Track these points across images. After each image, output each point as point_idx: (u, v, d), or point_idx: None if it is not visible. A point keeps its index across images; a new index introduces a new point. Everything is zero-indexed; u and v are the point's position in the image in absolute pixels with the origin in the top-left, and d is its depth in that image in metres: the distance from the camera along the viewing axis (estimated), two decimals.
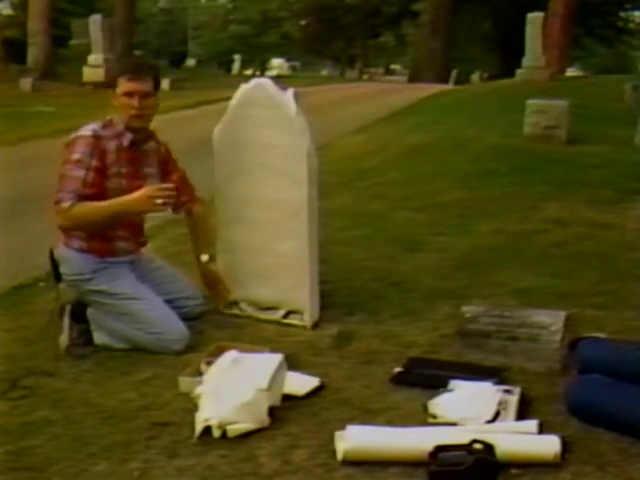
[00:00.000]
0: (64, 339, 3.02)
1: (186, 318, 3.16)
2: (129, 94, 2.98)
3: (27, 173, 7.28)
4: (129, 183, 3.04)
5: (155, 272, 3.28)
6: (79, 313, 3.09)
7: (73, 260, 3.06)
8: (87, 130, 2.97)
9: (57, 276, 3.12)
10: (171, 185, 3.02)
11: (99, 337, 3.08)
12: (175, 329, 3.04)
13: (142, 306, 3.05)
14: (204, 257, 3.31)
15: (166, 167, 3.27)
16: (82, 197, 2.90)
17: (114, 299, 3.04)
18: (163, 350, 2.98)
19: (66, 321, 3.06)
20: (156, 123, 3.24)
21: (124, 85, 2.98)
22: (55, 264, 3.11)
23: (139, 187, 3.00)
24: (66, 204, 2.88)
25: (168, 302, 3.14)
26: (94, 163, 2.94)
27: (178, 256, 3.84)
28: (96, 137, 2.96)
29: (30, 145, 9.53)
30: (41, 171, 7.42)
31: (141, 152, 3.13)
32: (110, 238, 3.09)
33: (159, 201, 2.91)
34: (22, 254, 4.47)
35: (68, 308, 3.09)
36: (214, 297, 3.39)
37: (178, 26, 44.01)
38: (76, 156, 2.92)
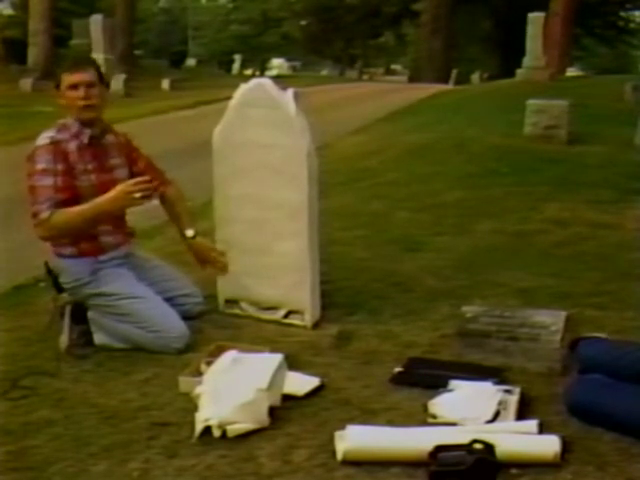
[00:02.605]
0: (64, 340, 3.02)
1: (186, 317, 3.16)
2: (74, 86, 2.98)
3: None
4: (98, 177, 3.07)
5: (153, 270, 3.29)
6: (79, 314, 3.10)
7: (69, 267, 3.06)
8: (44, 139, 2.98)
9: (58, 287, 3.13)
10: (145, 177, 3.01)
11: (99, 338, 3.08)
12: (175, 327, 3.04)
13: (141, 305, 3.05)
14: (189, 232, 3.30)
15: (131, 156, 3.27)
16: (58, 204, 2.90)
17: (114, 300, 3.05)
18: (163, 349, 2.98)
19: (66, 322, 3.06)
20: (156, 123, 3.24)
21: (67, 79, 2.99)
22: (53, 276, 3.11)
23: (109, 180, 3.05)
24: (44, 215, 2.88)
25: (167, 300, 3.15)
26: (60, 167, 2.95)
27: (178, 256, 3.83)
28: (54, 142, 2.97)
29: (30, 145, 9.48)
30: None
31: (102, 146, 3.14)
32: (95, 236, 3.10)
33: (137, 195, 2.91)
34: (22, 254, 4.46)
35: (68, 309, 3.09)
36: (211, 269, 3.37)
37: (178, 26, 44.04)
38: (41, 166, 2.93)
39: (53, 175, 2.93)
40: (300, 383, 2.62)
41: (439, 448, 2.10)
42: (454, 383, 2.59)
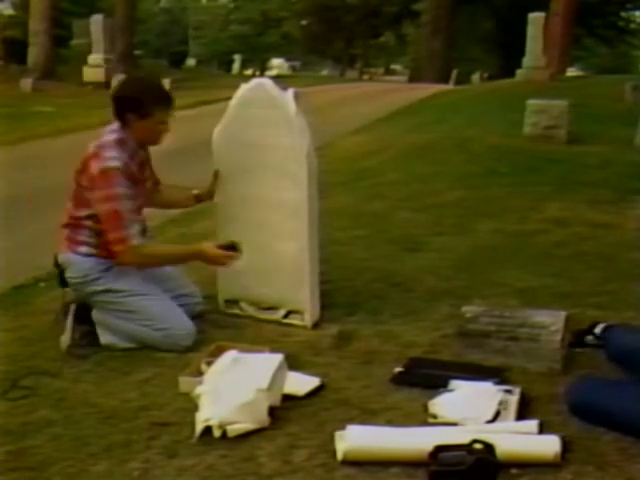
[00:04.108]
0: (66, 339, 3.02)
1: None
2: (165, 122, 3.10)
3: (27, 173, 7.29)
4: (142, 187, 3.18)
5: (154, 269, 3.28)
6: (83, 314, 3.10)
7: (80, 263, 3.06)
8: (115, 160, 2.95)
9: (63, 282, 3.13)
10: (239, 254, 3.12)
11: (105, 338, 3.09)
12: (182, 325, 3.06)
13: (149, 302, 3.07)
14: (195, 191, 3.41)
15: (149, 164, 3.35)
16: (143, 230, 3.06)
17: (121, 297, 3.06)
18: (171, 347, 2.99)
19: (69, 321, 3.06)
20: None
21: (164, 115, 3.08)
22: (60, 270, 3.11)
23: (145, 192, 3.20)
24: (134, 242, 2.96)
25: None
26: (133, 190, 3.02)
27: None
28: (126, 165, 2.99)
29: (30, 145, 9.54)
30: (41, 171, 7.44)
31: (145, 161, 3.24)
32: None
33: (226, 263, 3.13)
34: (22, 254, 4.47)
35: (73, 308, 3.10)
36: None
37: (179, 26, 44.01)
38: (120, 190, 2.95)
39: (132, 198, 2.99)
40: (300, 383, 2.62)
41: (439, 448, 2.10)
42: (454, 383, 2.59)
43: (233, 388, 2.40)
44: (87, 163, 2.99)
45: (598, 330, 2.89)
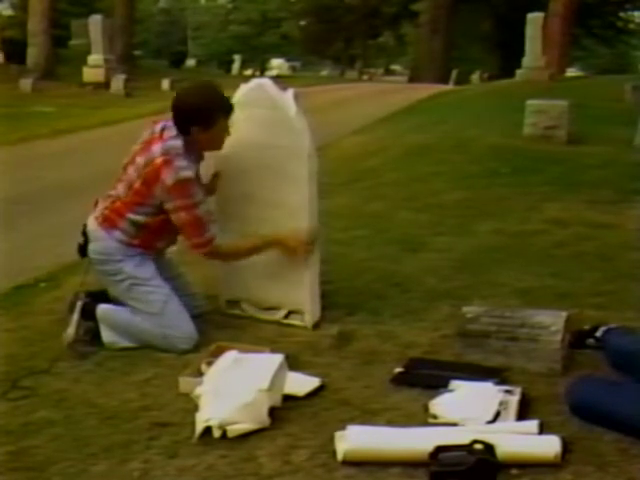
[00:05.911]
0: (70, 334, 3.02)
1: None
2: (227, 128, 3.12)
3: (27, 173, 7.29)
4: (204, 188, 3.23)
5: (163, 266, 3.29)
6: (89, 310, 3.11)
7: (108, 242, 3.08)
8: (187, 170, 2.98)
9: (83, 252, 3.14)
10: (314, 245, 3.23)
11: (107, 336, 3.09)
12: (185, 328, 3.07)
13: (160, 297, 3.08)
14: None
15: None
16: (220, 229, 3.16)
17: (136, 283, 3.07)
18: (169, 348, 3.00)
19: (75, 317, 3.07)
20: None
21: (227, 123, 3.09)
22: (85, 239, 3.12)
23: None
24: (217, 242, 3.09)
25: None
26: (202, 196, 3.09)
27: (178, 256, 3.83)
28: (195, 173, 3.06)
29: (30, 145, 9.54)
30: (41, 171, 7.44)
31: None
32: (153, 246, 3.17)
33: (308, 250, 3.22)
34: (22, 254, 4.47)
35: (79, 305, 3.10)
36: None
37: (178, 26, 44.08)
38: (196, 199, 3.03)
39: (204, 204, 3.08)
40: (300, 383, 2.62)
41: (440, 448, 2.10)
42: (454, 383, 2.59)
43: (233, 388, 2.40)
44: (156, 170, 2.96)
45: (599, 333, 2.88)
